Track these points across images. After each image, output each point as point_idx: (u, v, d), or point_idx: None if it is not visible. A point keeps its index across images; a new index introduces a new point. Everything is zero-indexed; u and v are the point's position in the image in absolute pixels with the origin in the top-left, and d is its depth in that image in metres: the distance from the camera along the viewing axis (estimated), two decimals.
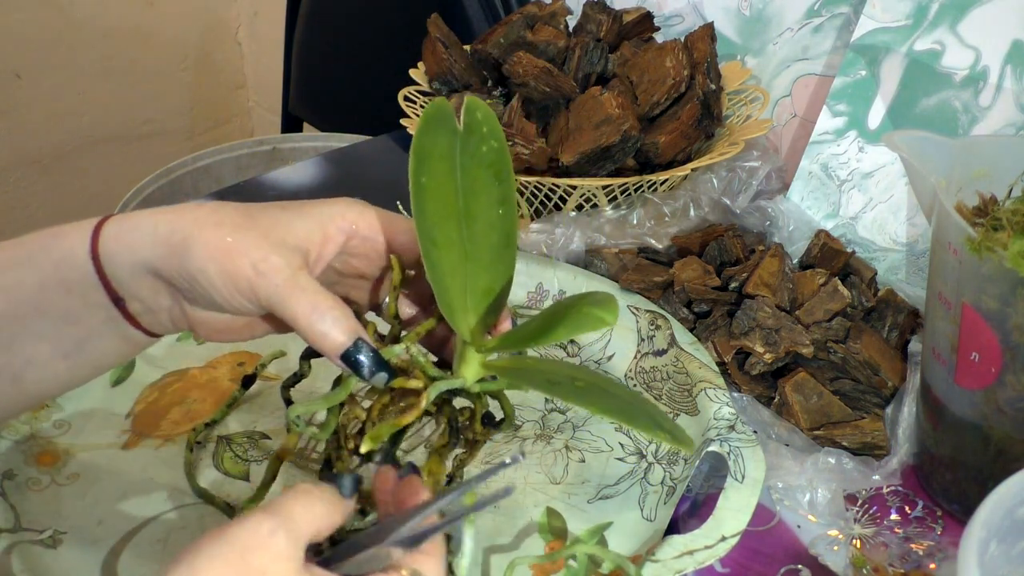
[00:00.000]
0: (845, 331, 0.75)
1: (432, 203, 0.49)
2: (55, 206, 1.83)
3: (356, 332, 0.48)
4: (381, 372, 0.49)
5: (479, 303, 0.51)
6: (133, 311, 0.51)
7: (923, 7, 0.85)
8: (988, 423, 0.62)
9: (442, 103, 0.50)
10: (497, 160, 0.50)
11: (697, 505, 0.65)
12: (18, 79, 1.70)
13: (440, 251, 0.49)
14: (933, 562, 0.63)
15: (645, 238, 0.85)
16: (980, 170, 0.65)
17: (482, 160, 0.50)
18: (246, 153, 1.36)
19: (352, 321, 0.48)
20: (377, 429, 0.45)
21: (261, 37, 1.99)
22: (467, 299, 0.50)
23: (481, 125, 0.50)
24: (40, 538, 0.59)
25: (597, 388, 0.48)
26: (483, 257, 0.51)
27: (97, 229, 0.50)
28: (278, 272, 0.47)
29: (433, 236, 0.49)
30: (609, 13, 0.97)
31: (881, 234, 0.88)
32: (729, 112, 0.96)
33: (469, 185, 0.50)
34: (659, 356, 0.74)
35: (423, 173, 0.49)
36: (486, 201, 0.50)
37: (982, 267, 0.58)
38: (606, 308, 0.47)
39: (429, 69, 0.97)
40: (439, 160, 0.50)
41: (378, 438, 0.46)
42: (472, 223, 0.50)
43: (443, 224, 0.50)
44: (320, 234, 0.50)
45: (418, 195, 0.49)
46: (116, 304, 0.51)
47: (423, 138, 0.49)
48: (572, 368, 0.52)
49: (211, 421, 0.68)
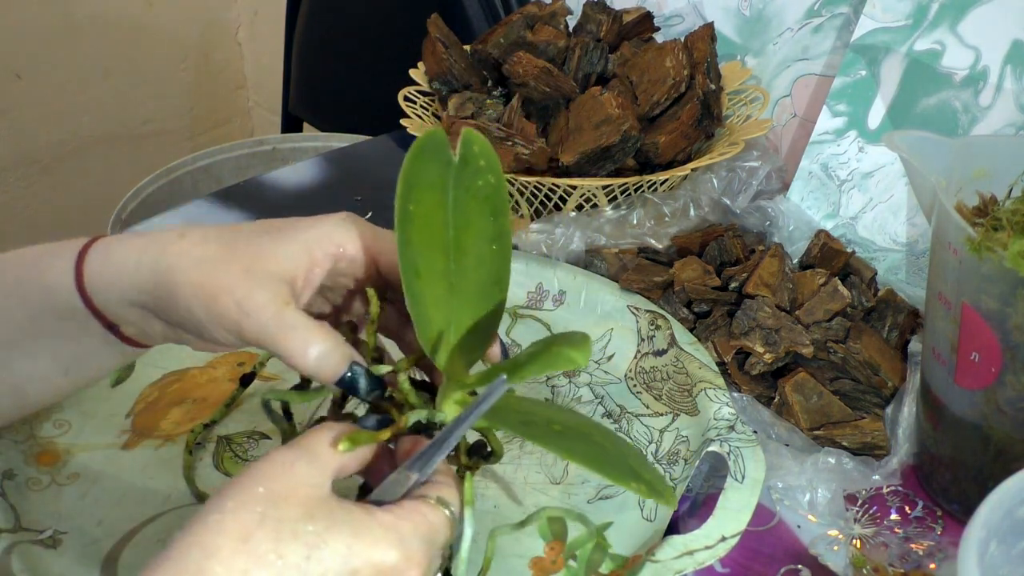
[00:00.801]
0: (845, 331, 0.75)
1: (418, 233, 0.48)
2: (55, 206, 1.83)
3: (349, 358, 0.48)
4: (376, 391, 0.49)
5: (463, 338, 0.50)
6: (127, 333, 0.52)
7: (923, 7, 0.85)
8: (988, 423, 0.62)
9: (435, 132, 0.48)
10: (493, 195, 0.49)
11: (697, 505, 0.65)
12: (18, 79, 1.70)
13: (423, 283, 0.48)
14: (933, 562, 0.63)
15: (645, 238, 0.85)
16: (980, 170, 0.65)
17: (477, 193, 0.49)
18: (246, 153, 1.36)
19: (342, 348, 0.48)
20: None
21: (261, 37, 1.99)
22: (450, 334, 0.49)
23: (478, 158, 0.49)
24: (40, 538, 0.59)
25: (575, 432, 0.47)
26: (470, 292, 0.49)
27: (80, 260, 0.49)
28: (263, 310, 0.47)
29: (417, 266, 0.48)
30: (609, 13, 0.97)
31: (881, 234, 0.88)
32: (729, 112, 0.96)
33: (461, 218, 0.49)
34: (659, 356, 0.74)
35: (411, 201, 0.48)
36: (479, 235, 0.49)
37: (982, 267, 0.58)
38: (578, 349, 0.46)
39: (429, 69, 0.97)
40: (429, 190, 0.48)
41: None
42: (462, 257, 0.49)
43: (429, 255, 0.48)
44: (307, 259, 0.49)
45: (403, 223, 0.48)
46: (110, 330, 0.51)
47: (413, 166, 0.48)
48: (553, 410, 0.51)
49: (210, 421, 0.68)
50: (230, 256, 0.48)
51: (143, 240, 0.49)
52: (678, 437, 0.68)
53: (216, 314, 0.47)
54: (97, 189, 1.83)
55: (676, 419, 0.70)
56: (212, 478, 0.65)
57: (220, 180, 1.32)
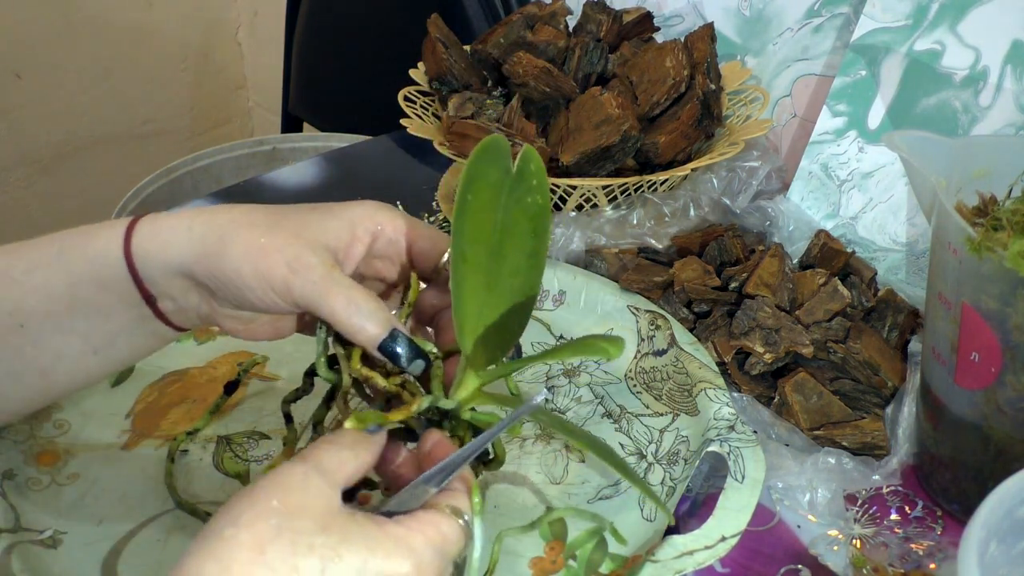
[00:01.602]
0: (845, 331, 0.75)
1: (471, 223, 0.50)
2: (55, 206, 1.83)
3: (392, 323, 0.50)
4: (418, 360, 0.50)
5: (489, 333, 0.51)
6: (164, 309, 0.53)
7: (923, 7, 0.85)
8: (988, 423, 0.62)
9: (499, 139, 0.50)
10: (538, 215, 0.51)
11: (697, 505, 0.65)
12: (18, 79, 1.70)
13: (468, 268, 0.50)
14: (933, 562, 0.63)
15: (645, 238, 0.85)
16: (980, 170, 0.65)
17: (525, 209, 0.51)
18: (246, 153, 1.36)
19: (387, 313, 0.50)
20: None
21: (261, 37, 1.99)
22: (479, 325, 0.51)
23: (532, 177, 0.51)
24: (40, 538, 0.59)
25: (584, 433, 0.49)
26: (504, 294, 0.51)
27: (130, 229, 0.51)
28: (313, 269, 0.49)
29: (465, 252, 0.50)
30: (609, 13, 0.97)
31: (881, 234, 0.88)
32: (729, 112, 0.96)
33: (508, 225, 0.51)
34: (659, 356, 0.74)
35: (470, 191, 0.50)
36: (519, 247, 0.51)
37: (982, 267, 0.58)
38: (613, 343, 0.48)
39: (429, 69, 0.97)
40: (487, 188, 0.50)
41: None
42: (501, 260, 0.51)
43: (475, 246, 0.50)
44: (349, 234, 0.52)
45: (461, 211, 0.50)
46: (148, 302, 0.52)
47: (476, 165, 0.50)
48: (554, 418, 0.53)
49: (193, 429, 0.68)
50: (280, 223, 0.50)
51: (192, 212, 0.51)
52: (678, 437, 0.68)
53: (265, 273, 0.49)
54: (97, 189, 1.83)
55: (676, 419, 0.70)
56: (205, 482, 0.65)
57: (220, 180, 1.32)
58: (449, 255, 0.52)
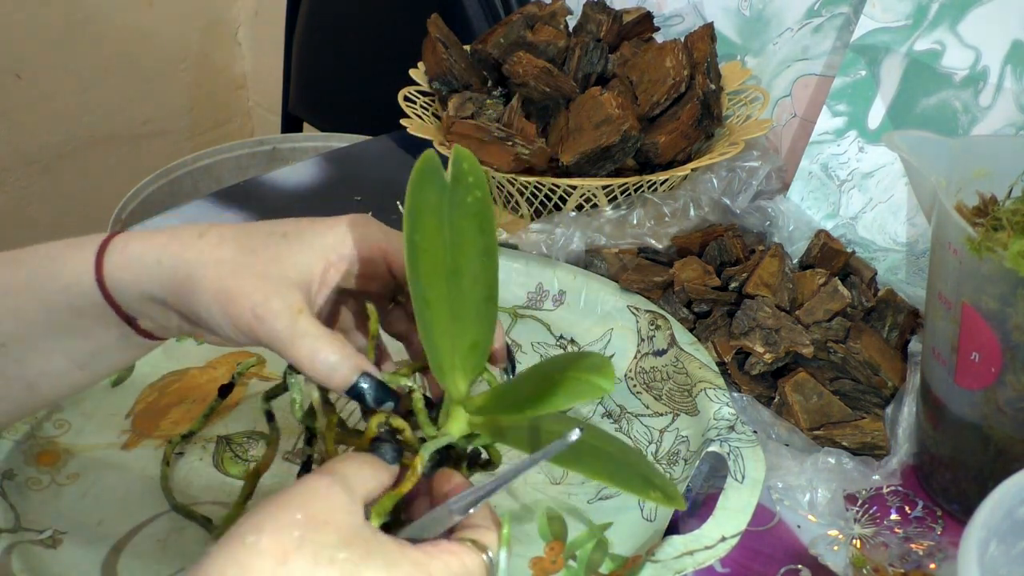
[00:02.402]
0: (845, 331, 0.75)
1: (424, 262, 0.49)
2: (55, 206, 1.82)
3: (359, 368, 0.49)
4: (388, 401, 0.50)
5: (466, 361, 0.51)
6: (145, 327, 0.52)
7: (923, 7, 0.85)
8: (988, 423, 0.62)
9: (430, 156, 0.50)
10: (481, 210, 0.50)
11: (697, 505, 0.65)
12: (18, 79, 1.70)
13: (432, 311, 0.49)
14: (933, 562, 0.63)
15: (645, 238, 0.85)
16: (980, 170, 0.65)
17: (468, 211, 0.50)
18: (246, 153, 1.36)
19: (353, 358, 0.49)
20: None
21: (261, 37, 1.99)
22: (455, 358, 0.50)
23: (467, 175, 0.50)
24: (40, 538, 0.59)
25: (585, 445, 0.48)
26: (469, 313, 0.50)
27: (100, 254, 0.50)
28: (277, 318, 0.48)
29: (426, 296, 0.49)
30: (609, 13, 0.97)
31: (881, 234, 0.88)
32: (729, 112, 0.96)
33: (456, 238, 0.50)
34: (659, 356, 0.74)
35: (416, 231, 0.49)
36: (471, 253, 0.50)
37: (982, 267, 0.58)
38: (603, 374, 0.46)
39: (429, 69, 0.97)
40: (429, 215, 0.49)
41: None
42: (459, 279, 0.50)
43: (434, 283, 0.50)
44: (322, 263, 0.51)
45: (412, 254, 0.49)
46: (128, 323, 0.51)
47: (415, 194, 0.49)
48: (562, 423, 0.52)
49: (188, 432, 0.68)
50: (247, 260, 0.49)
51: (163, 237, 0.50)
52: (678, 437, 0.68)
53: (233, 316, 0.48)
54: (97, 189, 1.83)
55: (676, 419, 0.70)
56: (204, 482, 0.65)
57: (220, 180, 1.32)
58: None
